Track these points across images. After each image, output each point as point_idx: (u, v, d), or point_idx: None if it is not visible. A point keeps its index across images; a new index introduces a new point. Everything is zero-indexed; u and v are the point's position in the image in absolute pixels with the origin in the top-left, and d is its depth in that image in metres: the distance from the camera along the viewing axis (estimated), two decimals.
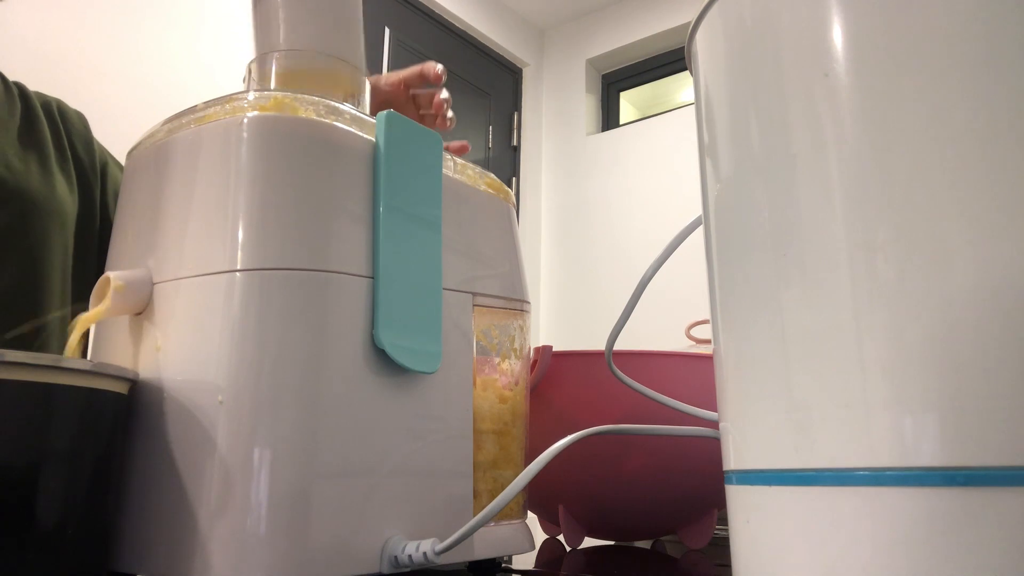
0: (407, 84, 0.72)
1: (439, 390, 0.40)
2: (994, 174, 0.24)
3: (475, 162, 0.47)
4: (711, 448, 0.35)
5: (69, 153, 0.69)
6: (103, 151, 0.73)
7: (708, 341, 0.71)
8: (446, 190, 0.43)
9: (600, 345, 0.50)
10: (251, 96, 0.38)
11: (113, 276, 0.37)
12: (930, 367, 0.24)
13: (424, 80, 0.72)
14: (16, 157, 0.63)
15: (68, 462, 0.31)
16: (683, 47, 0.37)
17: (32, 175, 0.64)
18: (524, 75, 3.57)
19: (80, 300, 0.67)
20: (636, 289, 0.44)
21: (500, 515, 0.44)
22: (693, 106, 0.36)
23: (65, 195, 0.66)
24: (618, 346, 0.48)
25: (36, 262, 0.63)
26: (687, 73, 0.56)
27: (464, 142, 0.71)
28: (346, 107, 0.40)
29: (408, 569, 0.37)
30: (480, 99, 3.33)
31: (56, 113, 0.70)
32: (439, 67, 0.71)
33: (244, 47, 0.49)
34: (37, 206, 0.63)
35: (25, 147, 0.65)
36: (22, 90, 0.68)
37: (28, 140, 0.65)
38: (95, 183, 0.70)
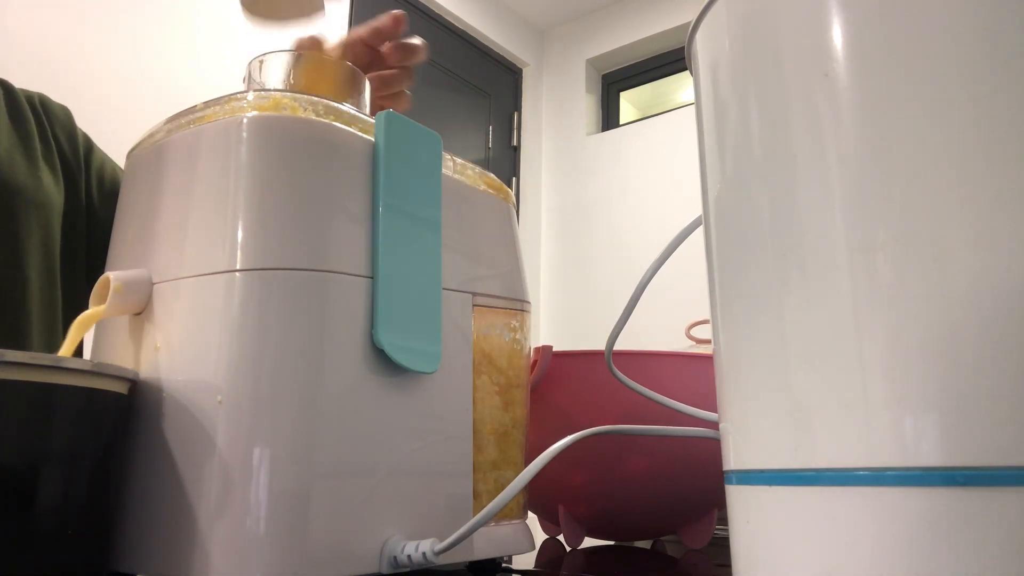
0: (368, 44, 0.62)
1: (439, 390, 0.40)
2: (994, 174, 0.24)
3: (475, 162, 0.47)
4: (711, 448, 0.35)
5: (53, 145, 0.68)
6: (87, 139, 0.72)
7: (708, 341, 0.71)
8: (446, 190, 0.43)
9: (600, 345, 0.50)
10: (250, 96, 0.38)
11: (112, 276, 0.37)
12: (930, 367, 0.24)
13: (383, 36, 0.62)
14: (2, 149, 0.63)
15: (68, 462, 0.31)
16: (683, 47, 0.37)
17: (18, 166, 0.63)
18: (524, 75, 3.57)
19: (69, 296, 0.67)
20: (636, 289, 0.44)
21: (500, 515, 0.44)
22: (693, 106, 0.36)
23: (51, 188, 0.66)
24: (618, 346, 0.48)
25: (18, 254, 0.62)
26: (687, 73, 0.56)
27: (398, 12, 0.60)
28: (346, 107, 0.40)
29: (408, 569, 0.37)
30: (480, 99, 3.33)
31: (39, 106, 0.69)
32: (396, 12, 0.61)
33: (243, 47, 0.48)
34: (23, 198, 0.63)
35: (11, 139, 0.64)
36: (5, 85, 0.68)
37: (14, 132, 0.65)
38: (79, 173, 0.70)
